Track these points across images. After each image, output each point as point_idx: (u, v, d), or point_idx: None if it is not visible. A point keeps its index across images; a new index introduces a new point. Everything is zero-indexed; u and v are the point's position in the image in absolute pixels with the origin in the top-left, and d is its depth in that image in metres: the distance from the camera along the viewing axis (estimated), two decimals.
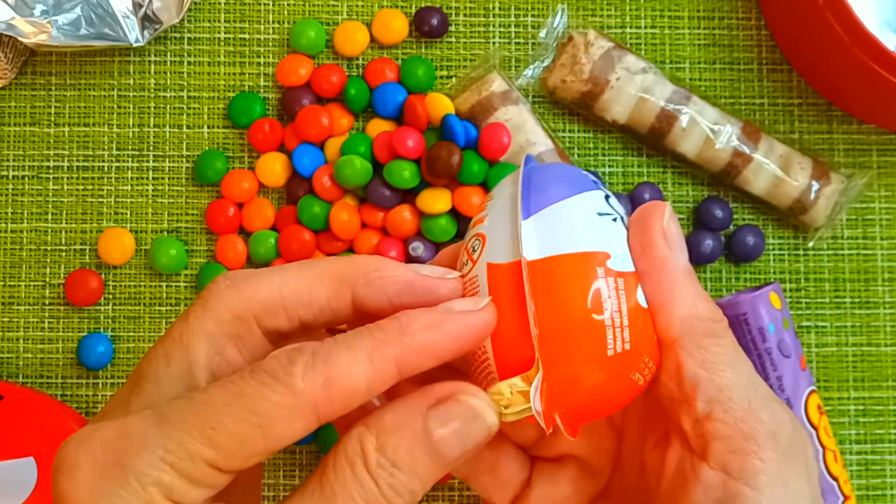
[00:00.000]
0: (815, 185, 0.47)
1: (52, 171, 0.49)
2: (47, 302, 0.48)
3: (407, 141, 0.46)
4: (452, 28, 0.49)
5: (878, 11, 0.47)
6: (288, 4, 0.49)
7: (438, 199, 0.46)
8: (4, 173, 0.48)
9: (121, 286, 0.48)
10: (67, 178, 0.48)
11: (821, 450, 0.45)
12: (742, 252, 0.48)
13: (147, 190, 0.48)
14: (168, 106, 0.49)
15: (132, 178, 0.49)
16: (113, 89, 0.49)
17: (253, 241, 0.47)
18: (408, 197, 0.47)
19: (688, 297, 0.26)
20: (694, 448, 0.26)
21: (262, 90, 0.49)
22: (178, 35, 0.49)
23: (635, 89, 0.47)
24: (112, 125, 0.49)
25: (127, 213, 0.48)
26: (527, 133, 0.46)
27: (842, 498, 0.45)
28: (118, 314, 0.48)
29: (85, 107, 0.49)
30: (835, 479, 0.45)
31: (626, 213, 0.28)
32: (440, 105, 0.46)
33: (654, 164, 0.49)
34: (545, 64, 0.49)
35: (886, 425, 0.49)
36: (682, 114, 0.47)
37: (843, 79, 0.47)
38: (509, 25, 0.50)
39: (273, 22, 0.49)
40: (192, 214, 0.48)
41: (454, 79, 0.49)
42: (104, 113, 0.49)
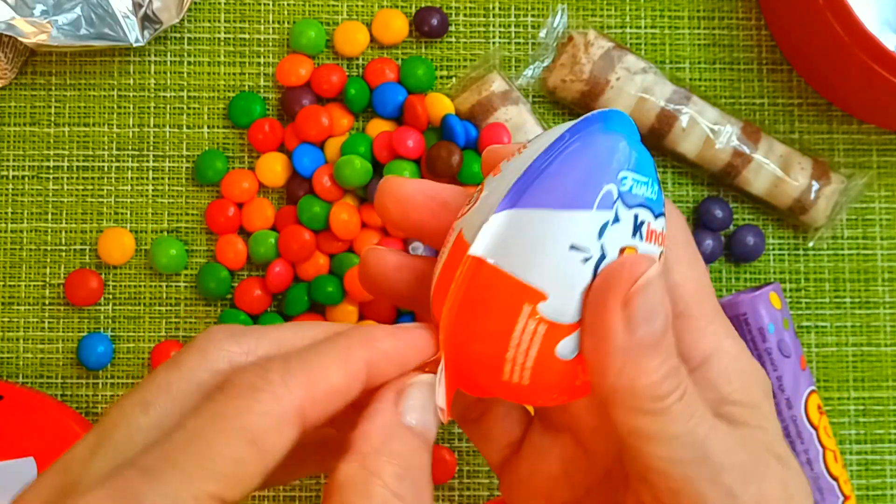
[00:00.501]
0: (815, 185, 0.47)
1: (52, 171, 0.49)
2: (47, 302, 0.48)
3: (407, 141, 0.46)
4: (452, 28, 0.49)
5: (878, 11, 0.47)
6: (288, 4, 0.49)
7: None
8: (4, 173, 0.48)
9: (121, 286, 0.48)
10: (67, 178, 0.48)
11: (821, 450, 0.45)
12: (742, 252, 0.48)
13: (147, 190, 0.48)
14: (168, 106, 0.49)
15: (132, 178, 0.49)
16: (113, 89, 0.49)
17: (253, 241, 0.47)
18: None
19: (639, 388, 0.23)
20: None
21: (262, 90, 0.49)
22: (178, 35, 0.49)
23: (635, 89, 0.47)
24: (112, 125, 0.49)
25: (127, 213, 0.48)
26: (527, 133, 0.46)
27: (842, 498, 0.45)
28: (118, 314, 0.48)
29: (85, 107, 0.49)
30: (835, 479, 0.45)
31: (619, 251, 0.24)
32: (440, 105, 0.46)
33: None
34: (545, 64, 0.49)
35: (886, 425, 0.49)
36: (682, 114, 0.47)
37: (843, 79, 0.47)
38: (509, 25, 0.50)
39: (273, 22, 0.49)
40: (192, 214, 0.48)
41: (454, 79, 0.49)
42: (104, 113, 0.49)
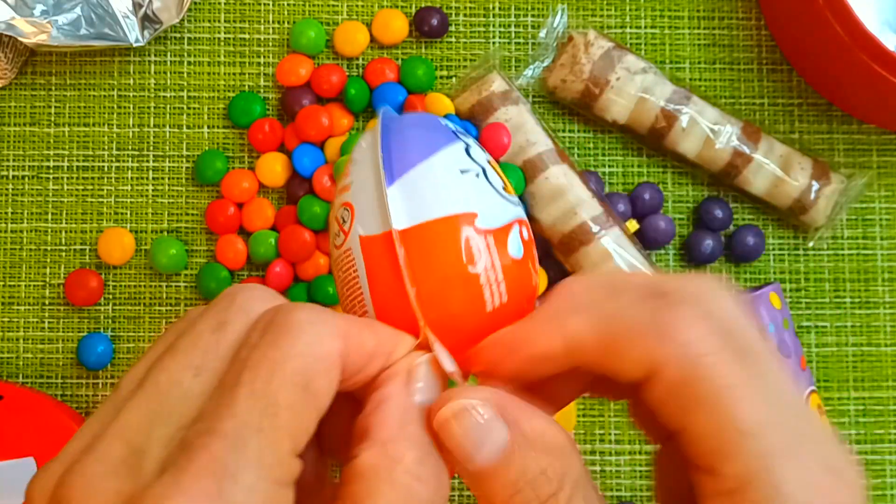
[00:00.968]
0: (815, 185, 0.47)
1: (52, 171, 0.49)
2: (47, 302, 0.48)
3: None
4: (452, 28, 0.49)
5: (878, 11, 0.47)
6: (288, 4, 0.49)
7: None
8: (4, 173, 0.48)
9: (121, 286, 0.48)
10: (67, 178, 0.48)
11: None
12: (742, 252, 0.48)
13: (147, 190, 0.48)
14: (168, 106, 0.49)
15: (132, 178, 0.49)
16: (113, 89, 0.49)
17: (253, 240, 0.47)
18: None
19: None
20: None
21: (262, 90, 0.49)
22: (178, 35, 0.49)
23: (635, 89, 0.47)
24: (112, 125, 0.49)
25: (127, 213, 0.48)
26: (527, 133, 0.46)
27: None
28: (118, 314, 0.48)
29: (85, 107, 0.49)
30: None
31: (486, 162, 0.27)
32: (440, 105, 0.46)
33: (654, 164, 0.49)
34: (545, 64, 0.49)
35: (886, 425, 0.49)
36: (682, 114, 0.47)
37: (843, 79, 0.47)
38: (509, 25, 0.50)
39: (273, 22, 0.49)
40: (192, 214, 0.48)
41: (454, 79, 0.49)
42: (104, 113, 0.49)
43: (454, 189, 0.26)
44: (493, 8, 0.50)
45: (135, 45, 0.46)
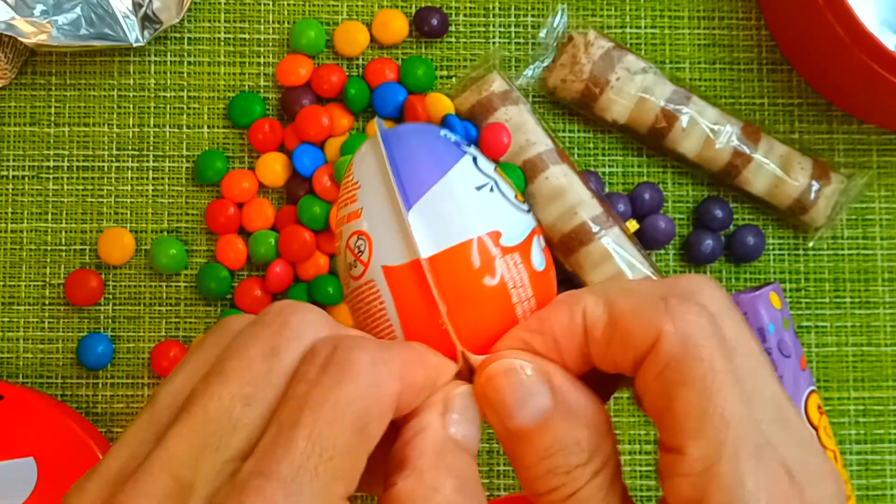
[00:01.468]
0: (815, 185, 0.47)
1: (52, 171, 0.49)
2: (47, 302, 0.48)
3: None
4: (452, 28, 0.49)
5: (878, 11, 0.47)
6: (288, 4, 0.49)
7: None
8: (4, 173, 0.48)
9: (121, 286, 0.48)
10: (67, 178, 0.48)
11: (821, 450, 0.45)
12: (742, 252, 0.48)
13: (147, 190, 0.48)
14: (168, 106, 0.49)
15: (132, 178, 0.49)
16: (113, 89, 0.49)
17: (253, 241, 0.47)
18: None
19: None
20: None
21: (262, 90, 0.49)
22: (178, 35, 0.49)
23: (635, 89, 0.47)
24: (112, 125, 0.49)
25: (127, 213, 0.48)
26: (527, 133, 0.46)
27: None
28: (118, 314, 0.48)
29: (85, 107, 0.49)
30: None
31: (494, 171, 0.27)
32: (440, 105, 0.46)
33: (654, 164, 0.49)
34: (545, 64, 0.49)
35: (886, 425, 0.49)
36: (682, 114, 0.47)
37: (843, 79, 0.47)
38: (509, 25, 0.50)
39: (273, 22, 0.49)
40: (192, 214, 0.48)
41: (454, 79, 0.49)
42: (104, 113, 0.49)
43: (474, 208, 0.26)
44: (493, 8, 0.50)
45: (135, 45, 0.46)
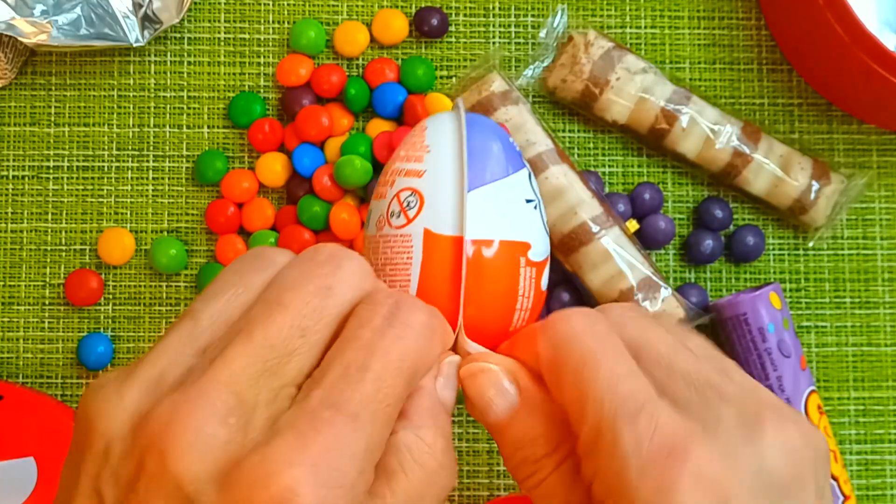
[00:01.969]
0: (815, 185, 0.47)
1: (52, 171, 0.49)
2: (47, 302, 0.48)
3: None
4: (452, 28, 0.49)
5: (878, 11, 0.47)
6: (288, 4, 0.49)
7: None
8: (4, 173, 0.48)
9: (121, 286, 0.48)
10: (67, 178, 0.48)
11: None
12: (742, 252, 0.48)
13: (147, 190, 0.48)
14: (168, 106, 0.49)
15: (132, 178, 0.49)
16: (113, 89, 0.49)
17: (253, 241, 0.47)
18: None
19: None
20: None
21: (262, 90, 0.49)
22: (178, 35, 0.49)
23: (635, 89, 0.47)
24: (112, 125, 0.49)
25: (127, 213, 0.48)
26: (527, 133, 0.46)
27: (842, 498, 0.45)
28: (118, 314, 0.48)
29: (85, 107, 0.49)
30: (835, 479, 0.45)
31: (539, 192, 0.31)
32: (440, 105, 0.46)
33: (654, 164, 0.49)
34: (545, 64, 0.49)
35: (886, 425, 0.49)
36: (682, 114, 0.47)
37: (843, 79, 0.47)
38: (509, 25, 0.50)
39: (273, 22, 0.49)
40: (192, 214, 0.48)
41: (454, 79, 0.49)
42: (104, 113, 0.49)
43: (519, 217, 0.29)
44: (493, 8, 0.50)
45: (135, 45, 0.46)
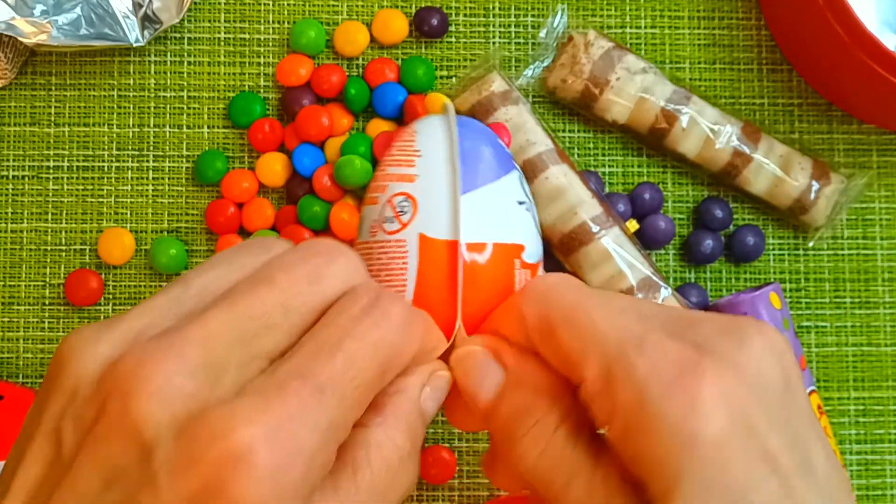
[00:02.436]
0: (815, 185, 0.47)
1: (52, 171, 0.49)
2: (47, 302, 0.48)
3: None
4: (452, 28, 0.49)
5: (878, 11, 0.47)
6: (288, 4, 0.49)
7: None
8: (4, 173, 0.48)
9: (121, 286, 0.48)
10: (67, 178, 0.48)
11: None
12: (742, 252, 0.48)
13: (147, 190, 0.48)
14: (168, 106, 0.49)
15: (132, 178, 0.49)
16: (113, 89, 0.49)
17: None
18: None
19: None
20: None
21: (262, 90, 0.49)
22: (178, 35, 0.49)
23: (635, 89, 0.47)
24: (112, 125, 0.49)
25: (127, 213, 0.48)
26: (527, 133, 0.46)
27: None
28: (118, 314, 0.48)
29: (85, 107, 0.49)
30: None
31: (531, 194, 0.31)
32: (440, 105, 0.46)
33: (654, 164, 0.49)
34: (545, 64, 0.49)
35: (886, 425, 0.49)
36: (682, 114, 0.47)
37: (843, 79, 0.47)
38: (509, 25, 0.50)
39: (273, 22, 0.49)
40: (192, 214, 0.48)
41: (454, 79, 0.49)
42: (104, 113, 0.49)
43: (512, 219, 0.28)
44: (493, 8, 0.50)
45: (135, 45, 0.46)
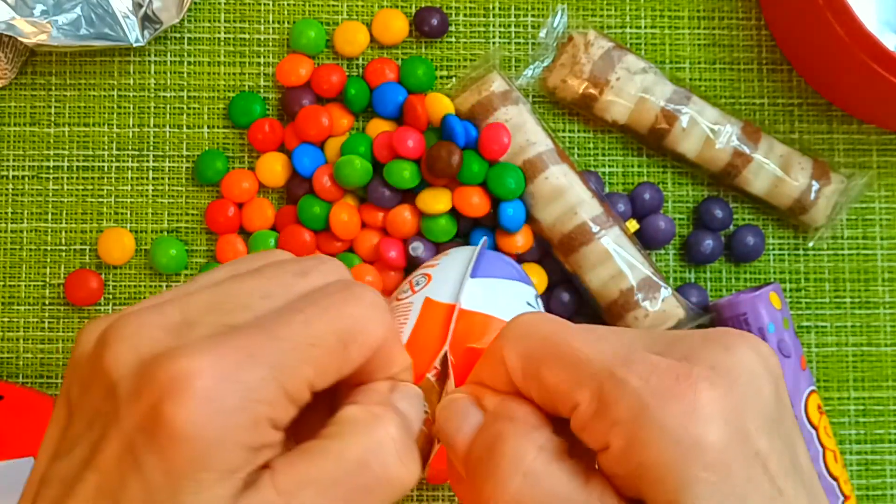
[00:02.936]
0: (815, 185, 0.47)
1: (52, 171, 0.49)
2: (47, 302, 0.48)
3: (407, 141, 0.46)
4: (452, 28, 0.49)
5: (878, 11, 0.47)
6: (288, 4, 0.49)
7: (438, 199, 0.46)
8: (4, 173, 0.48)
9: (121, 286, 0.48)
10: (67, 178, 0.48)
11: (821, 450, 0.45)
12: (742, 252, 0.48)
13: (147, 190, 0.48)
14: (168, 106, 0.49)
15: (132, 178, 0.49)
16: (113, 89, 0.49)
17: (253, 241, 0.47)
18: (408, 197, 0.47)
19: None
20: None
21: (262, 90, 0.49)
22: (178, 35, 0.49)
23: (635, 89, 0.47)
24: (112, 125, 0.49)
25: (127, 213, 0.48)
26: (527, 133, 0.46)
27: (842, 498, 0.45)
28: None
29: (85, 107, 0.49)
30: (835, 479, 0.45)
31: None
32: (440, 105, 0.46)
33: (654, 164, 0.49)
34: (545, 64, 0.49)
35: (886, 425, 0.49)
36: (682, 114, 0.47)
37: (843, 79, 0.47)
38: (509, 25, 0.50)
39: (273, 22, 0.49)
40: (192, 214, 0.48)
41: (454, 79, 0.49)
42: (104, 113, 0.49)
43: (515, 309, 0.31)
44: (493, 8, 0.50)
45: (135, 45, 0.46)
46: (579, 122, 0.49)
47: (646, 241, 0.48)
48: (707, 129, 0.47)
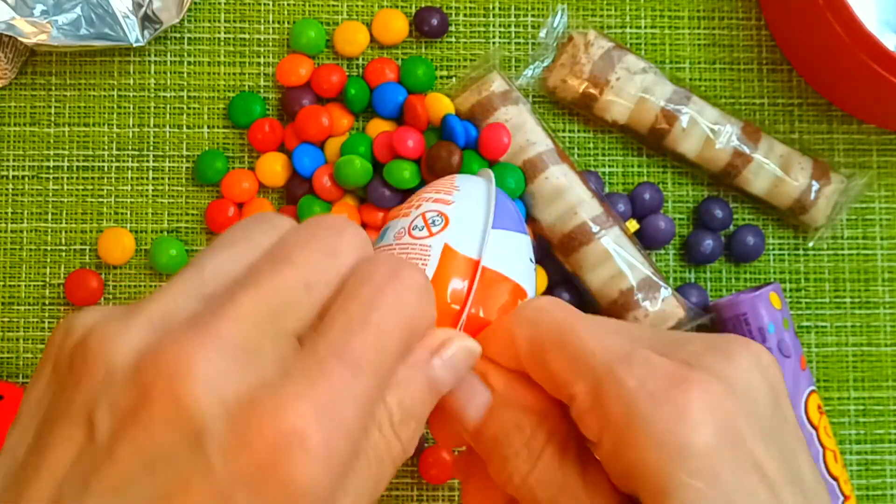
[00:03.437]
0: (815, 185, 0.47)
1: (52, 171, 0.49)
2: (47, 302, 0.48)
3: (407, 141, 0.46)
4: (452, 28, 0.49)
5: (878, 11, 0.47)
6: (288, 4, 0.49)
7: None
8: (4, 173, 0.48)
9: (121, 286, 0.48)
10: (67, 178, 0.48)
11: (821, 450, 0.45)
12: (742, 252, 0.48)
13: (147, 190, 0.48)
14: (168, 106, 0.49)
15: (132, 178, 0.49)
16: (113, 89, 0.49)
17: None
18: (408, 197, 0.47)
19: None
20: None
21: (262, 90, 0.49)
22: (178, 35, 0.49)
23: (635, 89, 0.47)
24: (112, 125, 0.49)
25: (127, 213, 0.48)
26: (527, 133, 0.46)
27: (842, 498, 0.45)
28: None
29: (85, 107, 0.49)
30: (835, 479, 0.45)
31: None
32: (440, 105, 0.46)
33: (654, 164, 0.49)
34: (545, 64, 0.49)
35: (886, 425, 0.49)
36: (682, 114, 0.47)
37: (843, 79, 0.47)
38: (509, 25, 0.50)
39: (273, 22, 0.49)
40: (192, 214, 0.48)
41: (454, 79, 0.49)
42: (104, 113, 0.49)
43: (524, 267, 0.32)
44: (493, 8, 0.50)
45: (135, 45, 0.46)
46: (579, 122, 0.49)
47: (646, 241, 0.48)
48: (707, 129, 0.47)
